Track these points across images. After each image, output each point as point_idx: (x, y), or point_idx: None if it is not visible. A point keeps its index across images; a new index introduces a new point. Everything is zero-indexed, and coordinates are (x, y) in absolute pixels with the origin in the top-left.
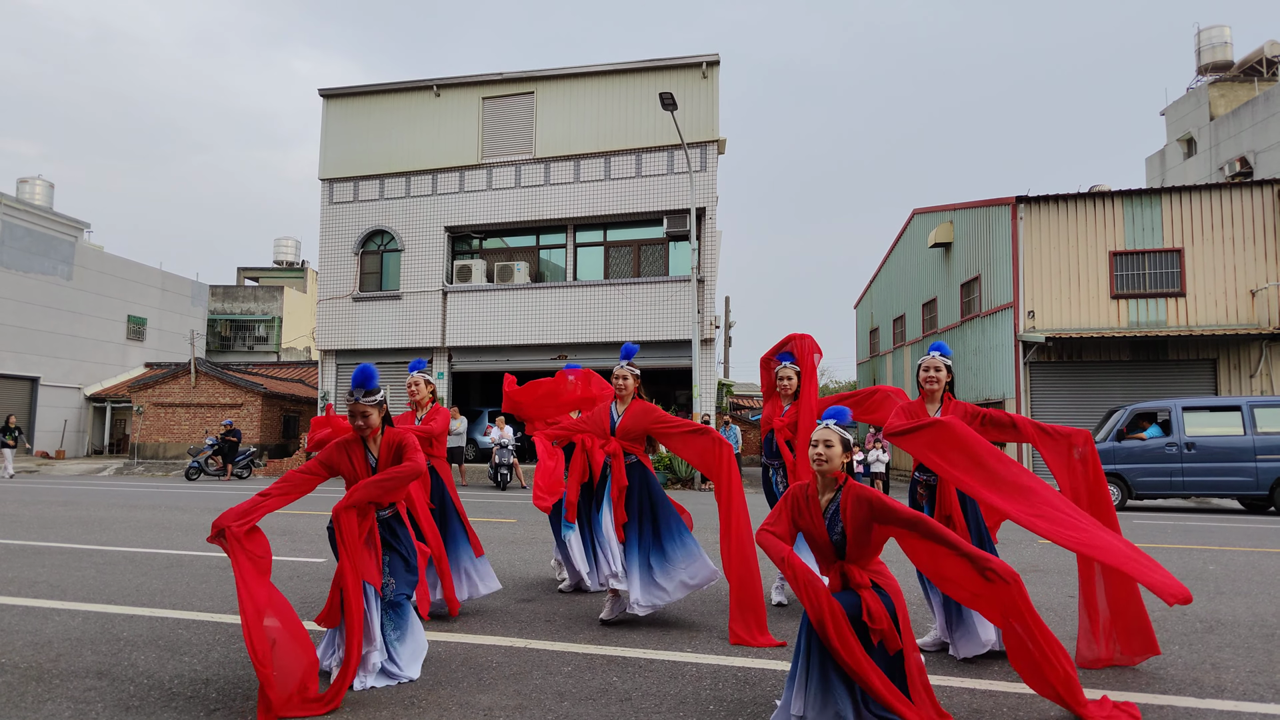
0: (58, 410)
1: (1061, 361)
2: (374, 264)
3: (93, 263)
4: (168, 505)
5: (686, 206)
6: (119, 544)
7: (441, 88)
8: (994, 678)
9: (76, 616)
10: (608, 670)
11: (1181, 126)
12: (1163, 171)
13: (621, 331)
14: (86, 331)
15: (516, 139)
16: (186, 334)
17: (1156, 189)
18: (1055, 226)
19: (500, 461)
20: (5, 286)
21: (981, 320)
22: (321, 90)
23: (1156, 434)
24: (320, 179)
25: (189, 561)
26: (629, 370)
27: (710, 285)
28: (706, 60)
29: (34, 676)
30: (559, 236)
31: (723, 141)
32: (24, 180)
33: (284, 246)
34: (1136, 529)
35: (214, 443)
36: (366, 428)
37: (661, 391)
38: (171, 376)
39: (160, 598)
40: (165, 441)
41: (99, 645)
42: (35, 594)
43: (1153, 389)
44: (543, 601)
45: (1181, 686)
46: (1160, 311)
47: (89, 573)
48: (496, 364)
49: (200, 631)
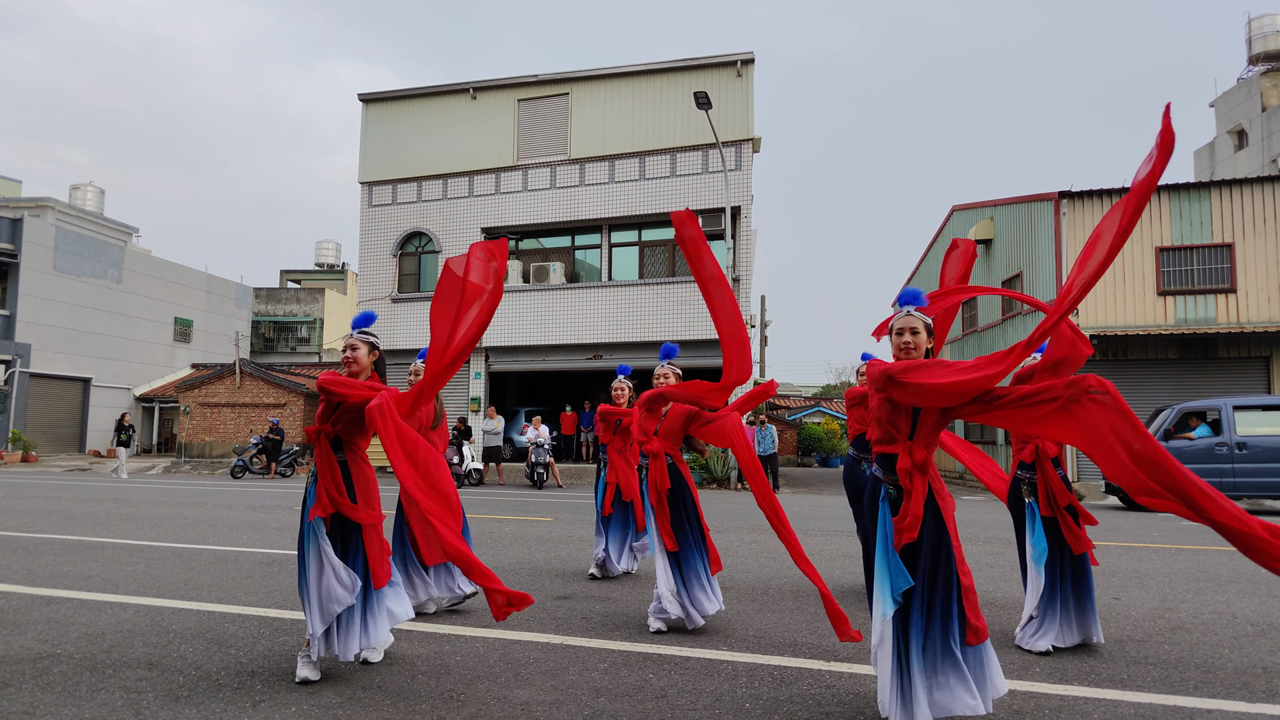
0: (108, 410)
1: (1107, 360)
2: (412, 265)
3: (141, 266)
4: (214, 503)
5: (721, 205)
6: (167, 540)
7: (478, 90)
8: (1035, 679)
9: (128, 609)
10: (644, 667)
11: (1232, 118)
12: (1212, 165)
13: (657, 331)
14: (135, 333)
15: (552, 140)
16: (231, 335)
17: (1205, 183)
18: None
19: (536, 460)
20: (59, 290)
21: (1023, 318)
22: (361, 95)
23: (1206, 434)
24: (360, 182)
25: (234, 557)
26: (670, 369)
27: (746, 284)
28: (741, 58)
29: (88, 666)
30: (594, 237)
31: (758, 140)
32: (76, 187)
33: (325, 249)
34: (1184, 532)
35: (258, 441)
36: (354, 363)
37: None
38: (217, 377)
39: (207, 592)
40: (211, 440)
41: (149, 637)
42: (89, 587)
43: (1202, 388)
44: (579, 599)
45: (1231, 690)
46: (1210, 308)
47: (139, 567)
48: (532, 364)
49: (245, 625)
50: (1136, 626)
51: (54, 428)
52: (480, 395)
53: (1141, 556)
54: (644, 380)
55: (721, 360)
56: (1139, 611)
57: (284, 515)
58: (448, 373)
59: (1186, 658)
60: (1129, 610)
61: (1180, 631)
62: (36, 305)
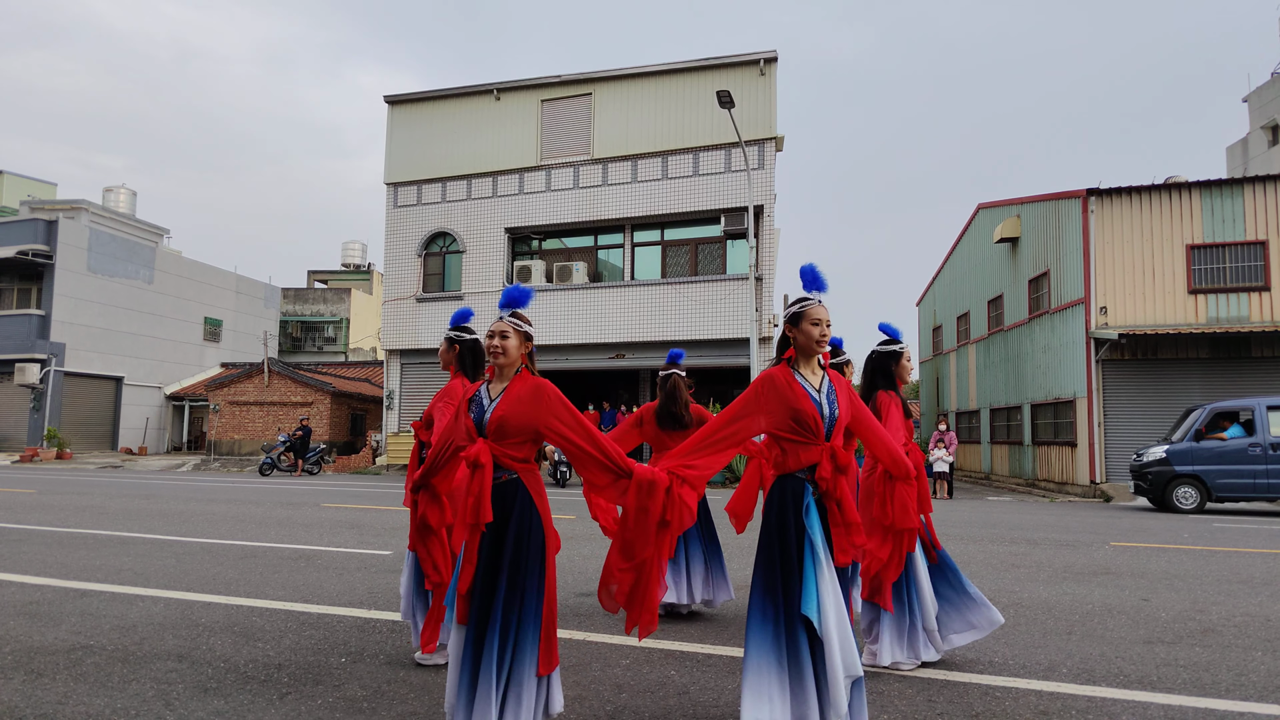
0: (140, 409)
1: (1136, 359)
2: (436, 265)
3: (172, 267)
4: (242, 500)
5: (744, 204)
6: (197, 535)
7: (501, 91)
8: (1062, 679)
9: (158, 603)
10: (665, 664)
11: (1266, 113)
12: (1245, 161)
13: (679, 330)
14: (166, 333)
15: (575, 140)
16: (260, 335)
17: (1238, 179)
18: (1128, 220)
19: (560, 459)
20: (93, 291)
21: (1051, 317)
22: (387, 97)
23: (1238, 434)
24: (385, 183)
25: (262, 553)
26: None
27: (768, 283)
28: (764, 57)
29: (120, 658)
30: (617, 236)
31: (781, 139)
32: (109, 189)
33: (351, 250)
34: (1217, 533)
35: (286, 440)
36: (502, 353)
37: (720, 390)
38: (246, 376)
39: (235, 586)
40: (240, 438)
41: (179, 630)
42: (120, 581)
43: (1234, 387)
44: None
45: (1264, 694)
46: (1242, 306)
47: (169, 562)
48: (556, 363)
49: (273, 619)
50: (1167, 628)
51: (87, 425)
52: None
53: (1172, 558)
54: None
55: (736, 362)
56: (1169, 613)
57: (310, 512)
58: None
59: (1218, 660)
60: (1159, 612)
61: (1212, 634)
62: (71, 305)
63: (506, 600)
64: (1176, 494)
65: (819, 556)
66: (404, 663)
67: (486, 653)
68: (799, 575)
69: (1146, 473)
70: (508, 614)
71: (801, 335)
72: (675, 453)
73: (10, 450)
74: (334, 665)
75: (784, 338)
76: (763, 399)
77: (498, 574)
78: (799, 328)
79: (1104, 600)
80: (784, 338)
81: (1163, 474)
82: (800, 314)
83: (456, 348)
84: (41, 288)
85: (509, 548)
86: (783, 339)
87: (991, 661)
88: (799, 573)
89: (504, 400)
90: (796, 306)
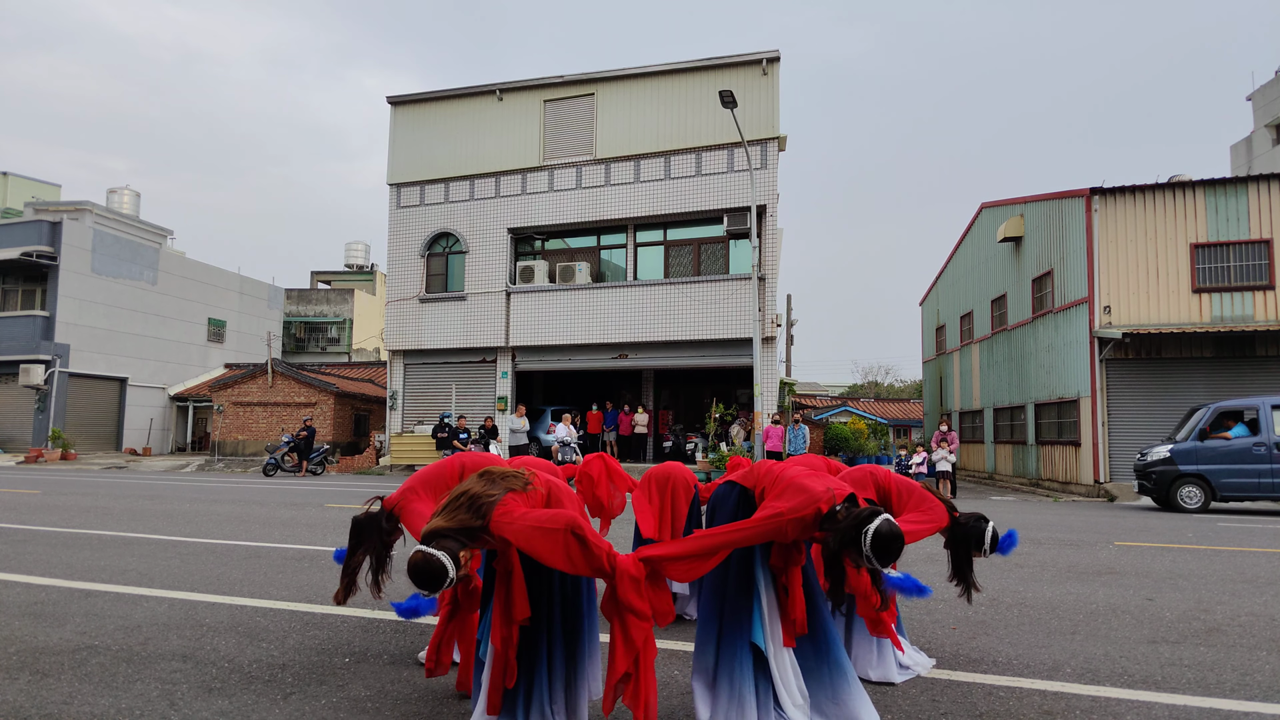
0: (144, 409)
1: (1139, 359)
2: (439, 266)
3: (176, 268)
4: (246, 500)
5: (747, 204)
6: (201, 536)
7: (504, 92)
8: (1066, 679)
9: (163, 603)
10: (669, 664)
11: (1270, 111)
12: (1249, 159)
13: (682, 330)
14: (170, 334)
15: (577, 140)
16: (263, 336)
17: (1242, 178)
18: (1132, 218)
19: (563, 459)
20: (97, 292)
21: (1054, 316)
22: (389, 98)
23: (1243, 433)
24: (388, 184)
25: (266, 553)
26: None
27: (771, 283)
28: (767, 57)
29: (124, 658)
30: (619, 236)
31: (784, 138)
32: (113, 190)
33: (354, 250)
34: (1221, 533)
35: (290, 440)
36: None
37: (723, 391)
38: (249, 376)
39: (240, 587)
40: (244, 439)
41: (183, 630)
42: (125, 581)
43: (1238, 386)
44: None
45: (1269, 693)
46: (1247, 305)
47: (174, 562)
48: (559, 363)
49: (277, 619)
50: (1171, 628)
51: (92, 426)
52: (507, 394)
53: (1176, 557)
54: (661, 377)
55: (739, 362)
56: (1173, 613)
57: (314, 512)
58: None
59: (1223, 660)
60: (1163, 611)
61: (1216, 634)
62: (75, 307)
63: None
64: (1181, 493)
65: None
66: (408, 663)
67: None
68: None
69: (1151, 472)
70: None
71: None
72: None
73: (15, 451)
74: (338, 665)
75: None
76: None
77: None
78: (849, 556)
79: (1108, 600)
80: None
81: (1167, 473)
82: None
83: None
84: (46, 289)
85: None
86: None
87: (995, 661)
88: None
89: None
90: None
